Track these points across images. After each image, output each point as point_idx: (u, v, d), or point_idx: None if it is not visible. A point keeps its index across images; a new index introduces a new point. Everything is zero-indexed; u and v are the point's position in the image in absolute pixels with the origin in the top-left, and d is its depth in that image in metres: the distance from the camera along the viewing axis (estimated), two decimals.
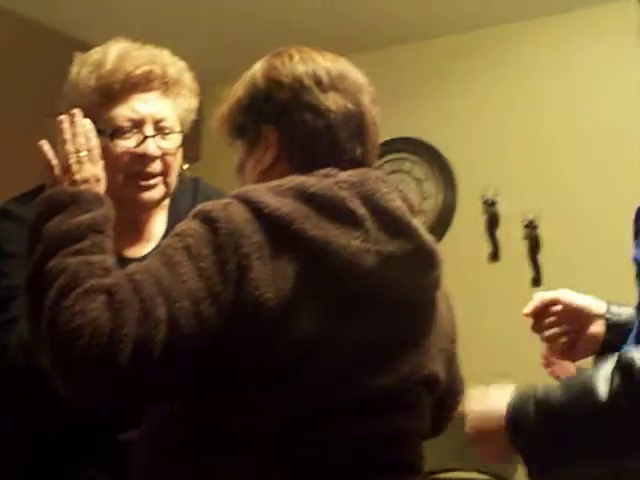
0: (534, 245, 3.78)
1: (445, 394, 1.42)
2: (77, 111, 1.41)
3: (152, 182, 1.61)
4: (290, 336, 1.19)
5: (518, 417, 1.13)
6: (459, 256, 3.31)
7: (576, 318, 1.52)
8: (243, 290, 1.17)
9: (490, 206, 3.88)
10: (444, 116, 4.08)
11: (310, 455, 1.22)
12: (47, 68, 3.89)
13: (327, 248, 1.21)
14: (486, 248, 3.87)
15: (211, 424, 1.22)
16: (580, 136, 3.65)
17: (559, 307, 1.52)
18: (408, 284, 1.30)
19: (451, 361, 1.43)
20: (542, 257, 3.76)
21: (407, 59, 4.11)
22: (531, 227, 3.77)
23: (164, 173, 1.62)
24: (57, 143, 1.39)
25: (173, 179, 1.65)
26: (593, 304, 1.52)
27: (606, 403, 1.03)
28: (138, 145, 1.58)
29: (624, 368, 1.04)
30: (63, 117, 1.39)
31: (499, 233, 3.87)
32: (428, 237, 1.33)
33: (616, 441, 1.06)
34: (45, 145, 1.38)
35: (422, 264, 1.32)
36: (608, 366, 1.08)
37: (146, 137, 1.59)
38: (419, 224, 1.33)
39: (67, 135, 1.38)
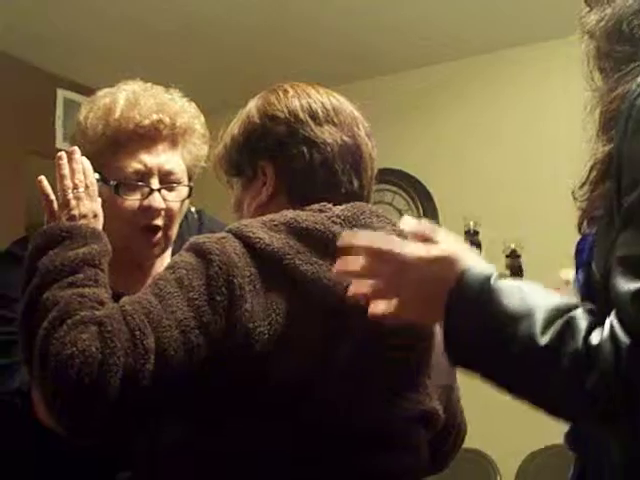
0: (517, 274, 3.78)
1: (445, 430, 1.41)
2: (75, 148, 1.41)
3: (156, 238, 1.58)
4: (282, 370, 1.18)
5: (465, 287, 1.06)
6: None
7: None
8: (236, 321, 1.17)
9: (472, 236, 3.89)
10: (425, 147, 4.09)
11: None
12: (30, 105, 3.89)
13: (318, 283, 1.21)
14: None
15: (203, 459, 1.20)
16: (561, 165, 3.65)
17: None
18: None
19: (449, 396, 1.41)
20: None
21: (387, 90, 4.12)
22: (513, 256, 3.79)
23: (167, 227, 1.59)
24: (54, 179, 1.38)
25: (174, 231, 1.63)
26: None
27: (541, 346, 0.98)
28: (144, 198, 1.56)
29: (571, 324, 1.00)
30: (62, 153, 1.39)
31: None
32: None
33: (528, 380, 1.02)
34: (43, 180, 1.38)
35: None
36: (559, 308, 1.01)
37: (152, 190, 1.57)
38: None
39: (65, 171, 1.38)
